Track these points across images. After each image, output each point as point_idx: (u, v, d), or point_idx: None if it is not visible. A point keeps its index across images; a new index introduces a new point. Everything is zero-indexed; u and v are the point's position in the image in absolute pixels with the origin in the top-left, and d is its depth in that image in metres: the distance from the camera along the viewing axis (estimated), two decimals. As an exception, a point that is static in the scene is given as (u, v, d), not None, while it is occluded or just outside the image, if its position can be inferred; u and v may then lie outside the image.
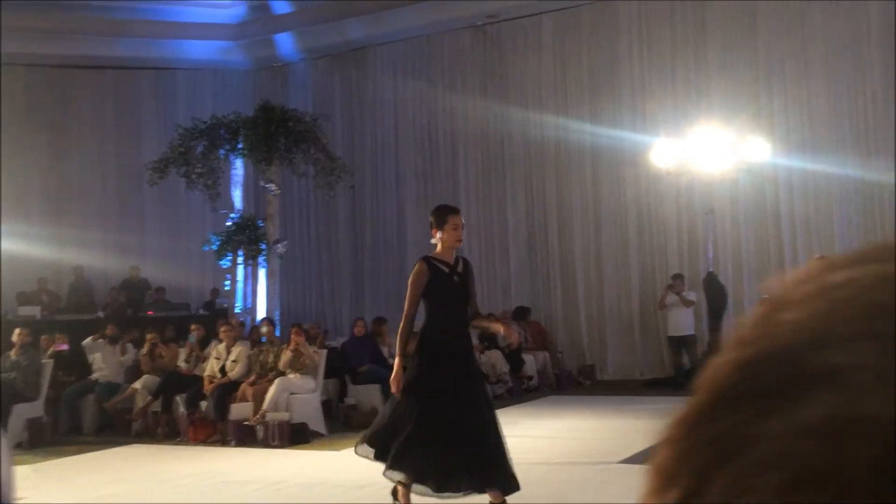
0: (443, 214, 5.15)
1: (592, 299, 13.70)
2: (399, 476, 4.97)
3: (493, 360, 11.34)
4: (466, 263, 5.24)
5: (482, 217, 14.70)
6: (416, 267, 5.13)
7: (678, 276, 11.98)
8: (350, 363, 10.42)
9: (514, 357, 11.54)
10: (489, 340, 11.67)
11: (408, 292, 5.07)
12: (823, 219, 12.06)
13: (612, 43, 13.65)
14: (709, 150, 11.21)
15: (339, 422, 9.75)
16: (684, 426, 0.30)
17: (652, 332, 12.98)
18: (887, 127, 11.63)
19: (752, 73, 12.52)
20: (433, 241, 5.13)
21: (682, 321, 11.67)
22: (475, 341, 11.71)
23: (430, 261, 5.11)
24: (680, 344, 11.74)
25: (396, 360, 5.08)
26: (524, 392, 11.41)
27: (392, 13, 14.44)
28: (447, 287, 5.09)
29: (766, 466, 0.27)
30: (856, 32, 11.89)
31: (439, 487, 4.87)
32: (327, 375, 9.91)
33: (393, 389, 5.06)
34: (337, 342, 11.63)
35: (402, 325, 5.08)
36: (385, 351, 10.70)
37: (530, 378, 11.81)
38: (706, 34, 12.95)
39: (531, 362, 11.92)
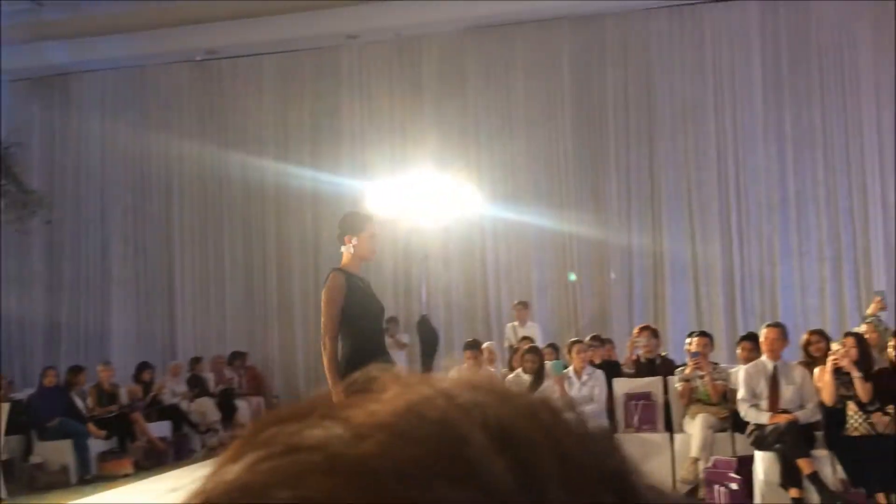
0: (359, 220, 4.64)
1: (310, 343, 13.58)
2: None
3: (203, 409, 10.81)
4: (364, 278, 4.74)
5: (197, 260, 14.12)
6: (329, 280, 4.50)
7: (393, 319, 12.25)
8: (38, 417, 9.40)
9: (226, 404, 11.08)
10: (199, 387, 11.14)
11: (324, 311, 4.44)
12: (523, 265, 12.99)
13: (334, 90, 13.84)
14: (424, 199, 11.66)
15: (23, 483, 8.75)
16: None
17: (368, 375, 13.09)
18: (577, 183, 12.91)
19: (463, 127, 13.30)
20: (343, 249, 4.58)
21: (397, 363, 11.93)
22: (184, 387, 11.15)
23: (345, 272, 4.53)
24: (394, 386, 11.94)
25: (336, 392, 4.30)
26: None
27: (102, 40, 13.54)
28: (369, 301, 4.57)
29: None
30: (551, 94, 13.09)
31: None
32: (9, 432, 8.87)
33: None
34: (24, 394, 10.47)
35: (328, 351, 4.48)
36: (80, 403, 9.79)
37: (244, 426, 11.35)
38: (422, 88, 13.56)
39: (245, 409, 11.52)
